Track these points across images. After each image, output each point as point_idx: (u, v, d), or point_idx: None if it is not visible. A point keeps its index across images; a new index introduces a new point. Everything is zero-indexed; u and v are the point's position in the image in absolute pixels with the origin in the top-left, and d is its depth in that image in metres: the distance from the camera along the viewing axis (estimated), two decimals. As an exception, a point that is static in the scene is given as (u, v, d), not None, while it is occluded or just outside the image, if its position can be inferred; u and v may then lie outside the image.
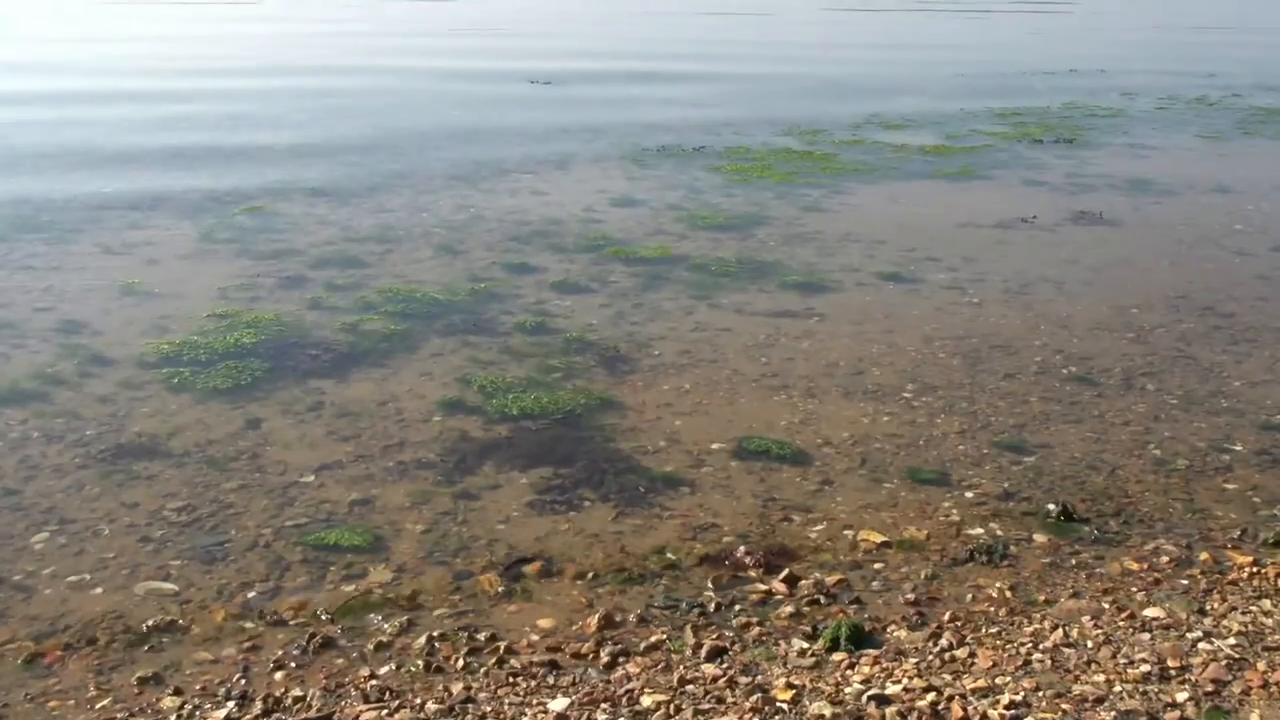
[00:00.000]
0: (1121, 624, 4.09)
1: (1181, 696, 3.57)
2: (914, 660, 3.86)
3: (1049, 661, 3.80)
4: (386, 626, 4.12)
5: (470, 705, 3.61)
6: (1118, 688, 3.62)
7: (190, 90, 18.03)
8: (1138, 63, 23.37)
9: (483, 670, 3.84)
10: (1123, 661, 3.79)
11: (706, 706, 3.57)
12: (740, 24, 35.27)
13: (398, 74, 20.64)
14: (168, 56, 22.89)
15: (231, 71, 20.72)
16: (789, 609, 4.24)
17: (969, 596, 4.34)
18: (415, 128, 14.80)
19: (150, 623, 4.10)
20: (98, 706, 3.64)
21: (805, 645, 3.98)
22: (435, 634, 4.06)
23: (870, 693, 3.60)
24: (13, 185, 11.09)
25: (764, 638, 4.05)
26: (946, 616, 4.17)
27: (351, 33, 27.13)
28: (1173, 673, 3.72)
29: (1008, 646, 3.92)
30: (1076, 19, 38.13)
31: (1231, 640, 3.95)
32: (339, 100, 17.10)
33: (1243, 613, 4.16)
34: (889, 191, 11.40)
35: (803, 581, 4.43)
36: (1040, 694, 3.58)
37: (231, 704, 3.63)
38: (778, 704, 3.57)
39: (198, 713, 3.59)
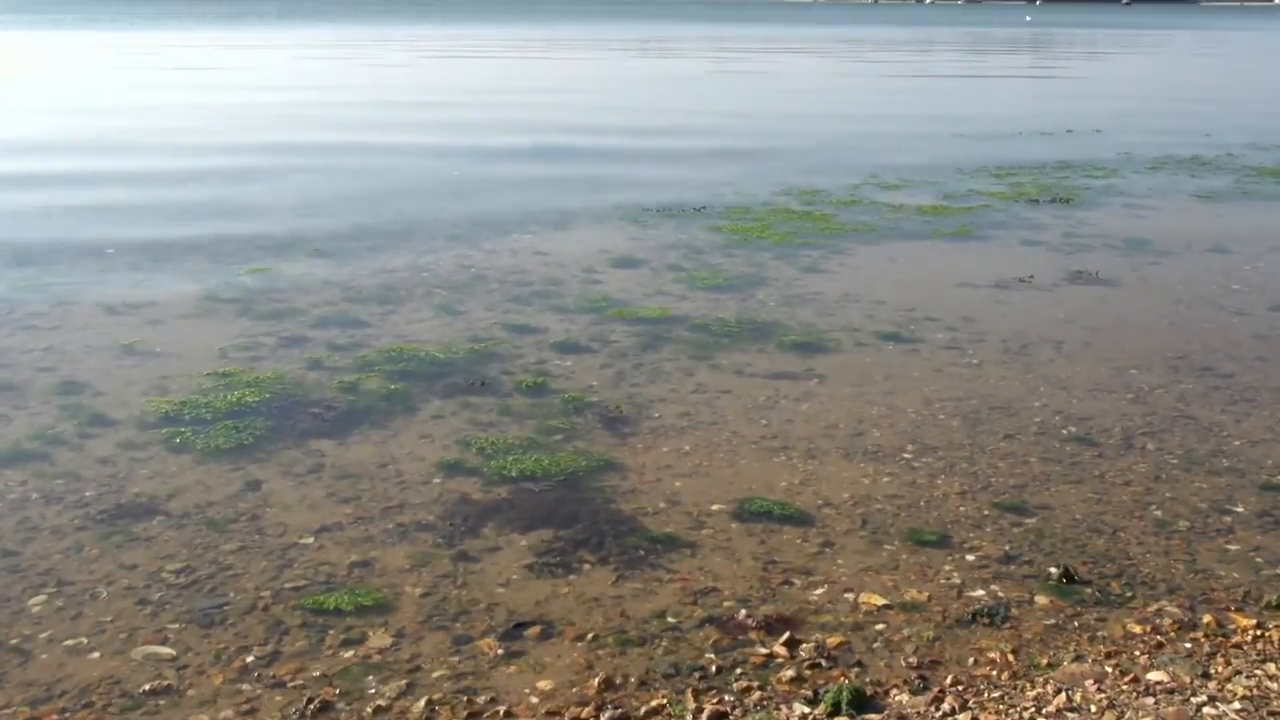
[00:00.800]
0: (1125, 688, 4.07)
1: (1186, 762, 3.54)
2: (916, 725, 3.83)
3: (1052, 727, 3.78)
4: (385, 690, 4.10)
5: (469, 772, 3.59)
6: (1122, 753, 3.59)
7: (194, 154, 18.16)
8: (1133, 123, 23.55)
9: (482, 736, 3.81)
10: (1126, 727, 3.77)
11: (707, 773, 3.54)
12: (738, 85, 35.58)
13: (399, 136, 20.79)
14: (171, 119, 23.08)
15: (235, 136, 20.88)
16: (790, 672, 4.22)
17: (971, 660, 4.32)
18: (417, 188, 14.90)
19: (147, 687, 4.08)
20: (93, 773, 3.61)
21: (806, 710, 3.96)
22: (434, 697, 4.04)
23: (872, 759, 3.58)
24: (16, 247, 11.14)
25: (765, 702, 4.03)
26: (948, 680, 4.15)
27: (352, 101, 27.36)
28: (1177, 738, 3.69)
29: (1010, 711, 3.90)
30: (1071, 83, 38.49)
31: (1236, 705, 3.92)
32: (342, 163, 17.21)
33: (1247, 676, 4.14)
34: (887, 251, 11.46)
35: (804, 644, 4.41)
36: (1044, 760, 3.55)
37: (228, 770, 3.61)
38: (779, 770, 3.55)
39: (194, 779, 3.57)
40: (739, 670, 4.25)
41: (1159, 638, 4.47)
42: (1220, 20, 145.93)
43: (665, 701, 4.02)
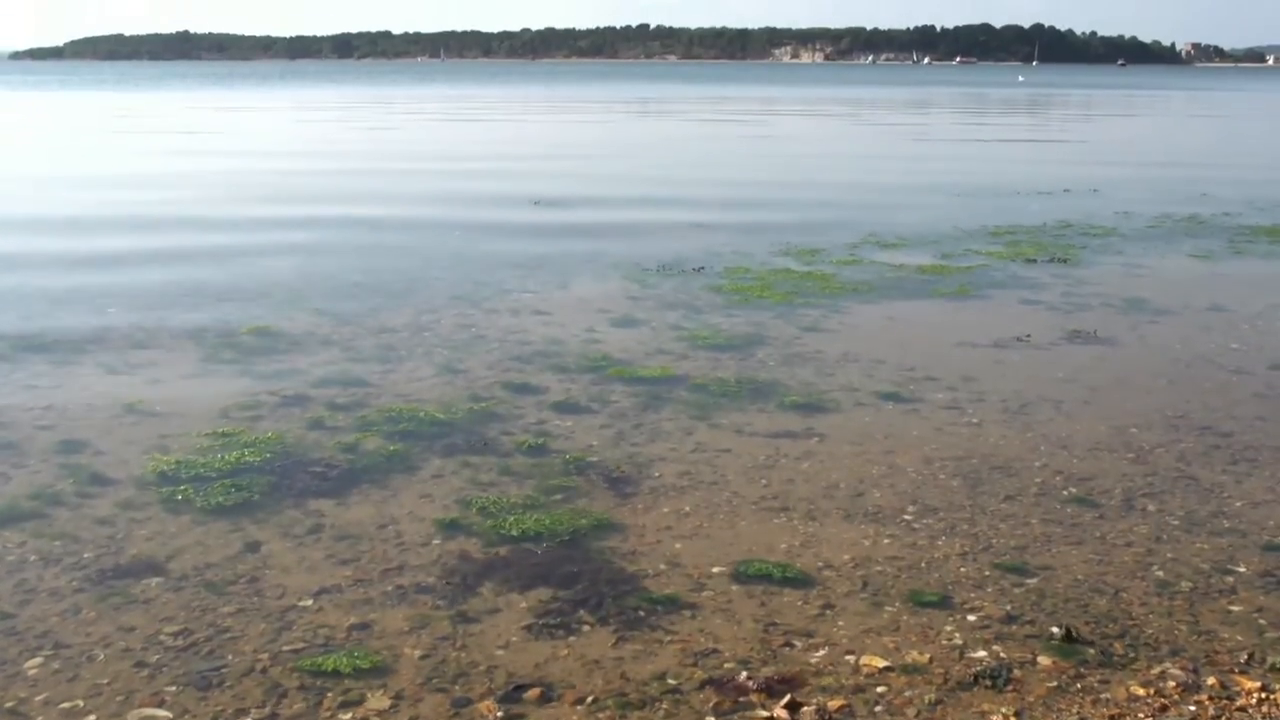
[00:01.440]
0: (1129, 752, 4.03)
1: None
2: (919, 790, 3.80)
3: (1056, 791, 3.74)
4: (383, 755, 4.07)
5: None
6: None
7: (196, 218, 18.28)
8: (1130, 183, 23.70)
9: (481, 801, 3.78)
10: (1131, 791, 3.73)
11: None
12: (738, 145, 35.86)
13: (400, 195, 20.92)
14: (174, 187, 23.24)
15: (236, 197, 21.02)
16: (792, 736, 4.18)
17: (974, 723, 4.29)
18: (418, 248, 14.97)
19: (144, 751, 4.05)
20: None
21: (808, 774, 3.92)
22: (433, 763, 4.01)
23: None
24: (18, 308, 11.18)
25: (766, 766, 3.99)
26: (951, 744, 4.12)
27: (352, 167, 27.57)
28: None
29: (1014, 776, 3.86)
30: (1068, 143, 38.78)
31: (1241, 769, 3.89)
32: (343, 222, 17.31)
33: (1252, 740, 4.11)
34: (887, 311, 11.49)
35: (805, 707, 4.38)
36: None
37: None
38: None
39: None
40: (740, 734, 4.21)
41: (1162, 700, 4.44)
42: (1213, 81, 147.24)
43: (666, 766, 3.98)
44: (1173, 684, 4.57)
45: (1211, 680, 4.60)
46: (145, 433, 7.56)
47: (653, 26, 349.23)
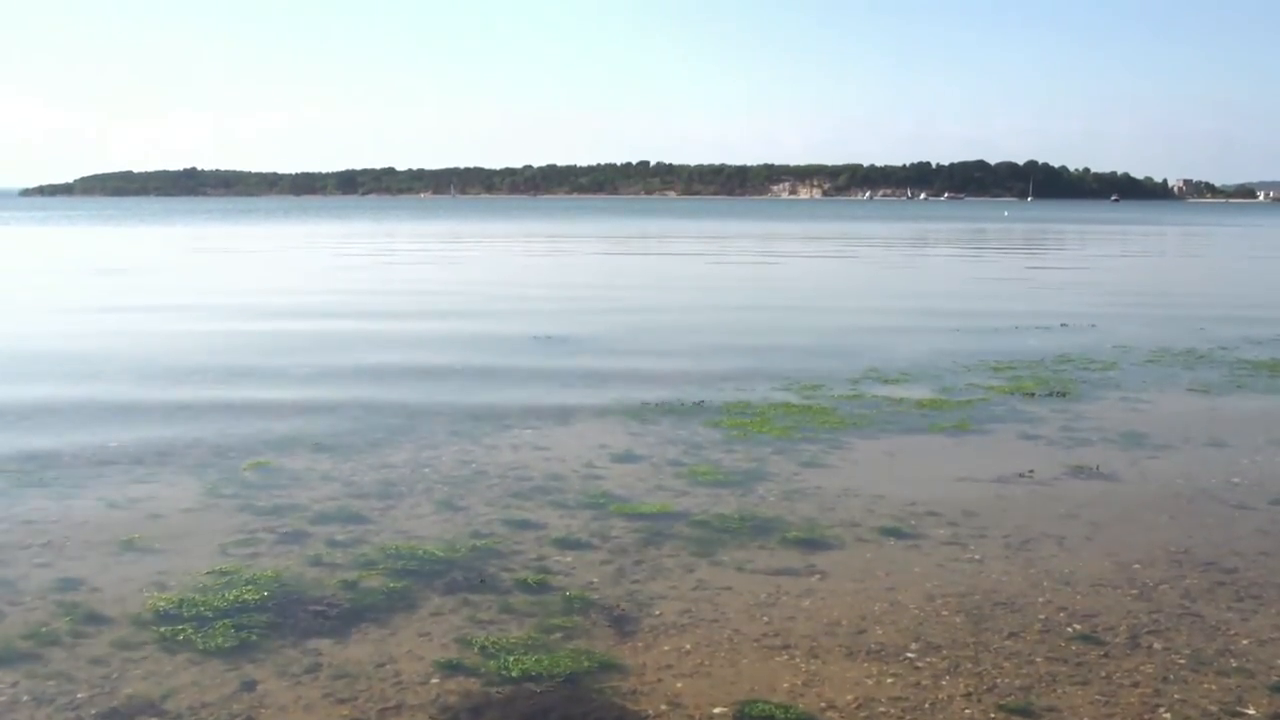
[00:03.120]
0: None
1: None
2: None
3: None
4: None
5: None
6: None
7: (196, 347, 18.42)
8: (1127, 317, 23.90)
9: None
10: None
11: None
12: (737, 279, 36.26)
13: (400, 329, 21.10)
14: (178, 322, 23.46)
15: (238, 333, 21.19)
16: None
17: None
18: (419, 382, 15.04)
19: None
20: None
21: None
22: None
23: None
24: (19, 442, 11.21)
25: None
26: None
27: (352, 305, 27.86)
28: None
29: None
30: (1065, 277, 39.22)
31: None
32: (345, 357, 17.43)
33: None
34: (887, 446, 11.51)
35: None
36: None
37: None
38: None
39: None
40: None
41: (1174, 847, 4.35)
42: (1205, 216, 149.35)
43: None
44: (1184, 830, 4.49)
45: (1223, 826, 4.52)
46: (143, 569, 7.53)
47: (653, 163, 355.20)
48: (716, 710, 5.55)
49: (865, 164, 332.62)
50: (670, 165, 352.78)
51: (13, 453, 10.72)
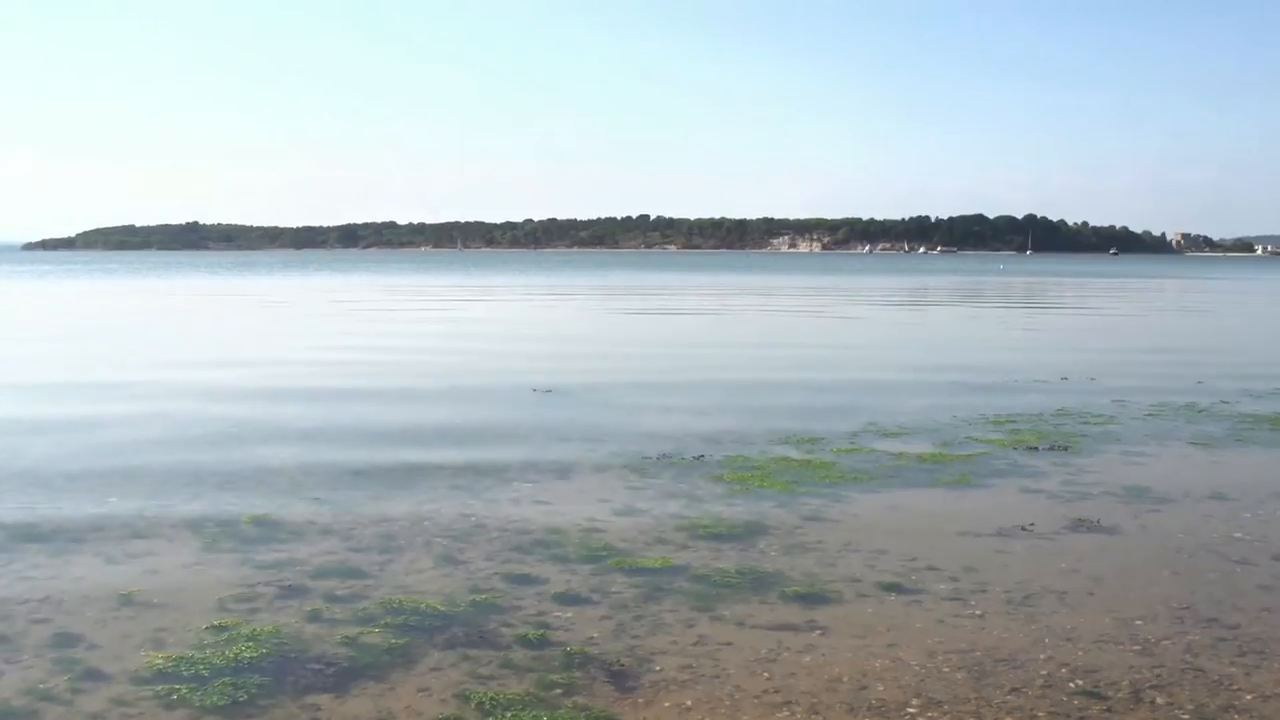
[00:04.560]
0: None
1: None
2: None
3: None
4: None
5: None
6: None
7: (196, 401, 18.43)
8: (1127, 371, 23.92)
9: None
10: None
11: None
12: (736, 333, 36.33)
13: (398, 383, 21.12)
14: (175, 373, 23.50)
15: (234, 386, 21.23)
16: None
17: None
18: (418, 436, 15.04)
19: None
20: None
21: None
22: None
23: None
24: (19, 498, 11.19)
25: None
26: None
27: (345, 358, 27.93)
28: None
29: None
30: (1064, 331, 39.31)
31: None
32: (346, 411, 17.44)
33: None
34: (888, 500, 11.49)
35: None
36: None
37: None
38: None
39: None
40: None
41: None
42: (1203, 269, 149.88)
43: None
44: None
45: None
46: (141, 626, 7.50)
47: (653, 217, 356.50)
48: (717, 767, 5.51)
49: (865, 218, 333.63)
50: (670, 219, 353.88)
51: (13, 509, 10.70)
